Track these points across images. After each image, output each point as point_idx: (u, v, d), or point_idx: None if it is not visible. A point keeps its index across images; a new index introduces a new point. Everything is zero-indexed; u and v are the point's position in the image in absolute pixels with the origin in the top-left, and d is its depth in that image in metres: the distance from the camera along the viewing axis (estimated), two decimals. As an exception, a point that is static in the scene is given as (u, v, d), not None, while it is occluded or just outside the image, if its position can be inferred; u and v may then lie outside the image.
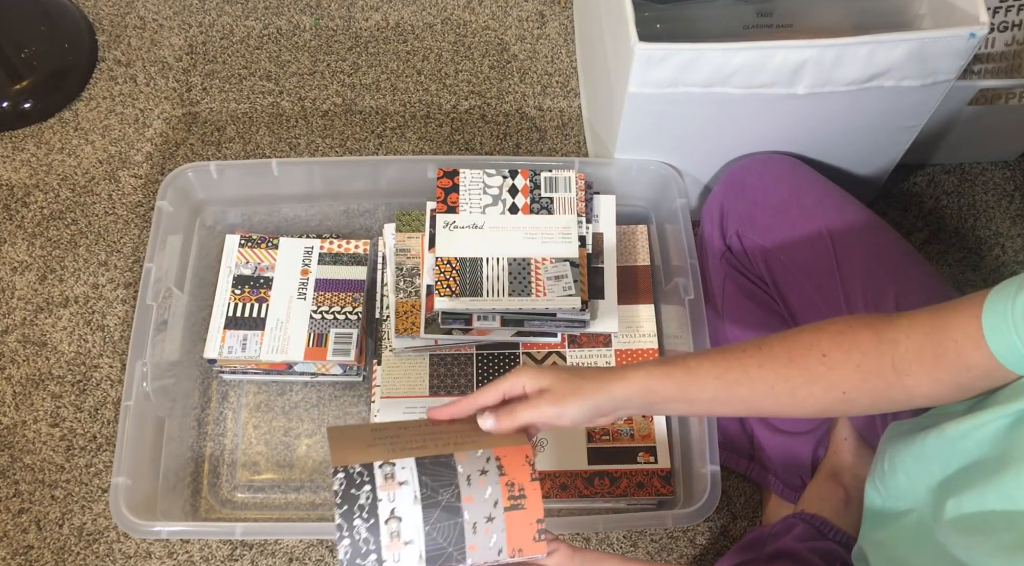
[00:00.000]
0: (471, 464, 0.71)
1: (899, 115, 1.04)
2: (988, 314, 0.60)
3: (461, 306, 1.05)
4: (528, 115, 1.36)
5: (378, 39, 1.42)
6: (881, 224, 0.96)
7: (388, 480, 0.69)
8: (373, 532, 0.68)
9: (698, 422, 1.01)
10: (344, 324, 1.12)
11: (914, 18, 1.08)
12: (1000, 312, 0.59)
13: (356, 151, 1.34)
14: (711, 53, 0.92)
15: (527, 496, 0.71)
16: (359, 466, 0.70)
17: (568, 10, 1.45)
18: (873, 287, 0.90)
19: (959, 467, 0.66)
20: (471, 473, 0.71)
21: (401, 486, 0.69)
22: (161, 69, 1.39)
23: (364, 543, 0.68)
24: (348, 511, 0.68)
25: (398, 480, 0.69)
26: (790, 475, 1.06)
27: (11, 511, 1.11)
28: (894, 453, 0.75)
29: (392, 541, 0.68)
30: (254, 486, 1.12)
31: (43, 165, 1.31)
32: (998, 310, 0.60)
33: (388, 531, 0.68)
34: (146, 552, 1.09)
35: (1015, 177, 1.33)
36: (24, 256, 1.25)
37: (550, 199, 1.10)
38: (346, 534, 0.68)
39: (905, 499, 0.74)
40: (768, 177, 1.02)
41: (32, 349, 1.20)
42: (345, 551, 0.68)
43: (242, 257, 1.15)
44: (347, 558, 0.68)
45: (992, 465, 0.61)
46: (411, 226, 1.14)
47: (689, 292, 1.05)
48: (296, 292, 1.14)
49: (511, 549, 0.70)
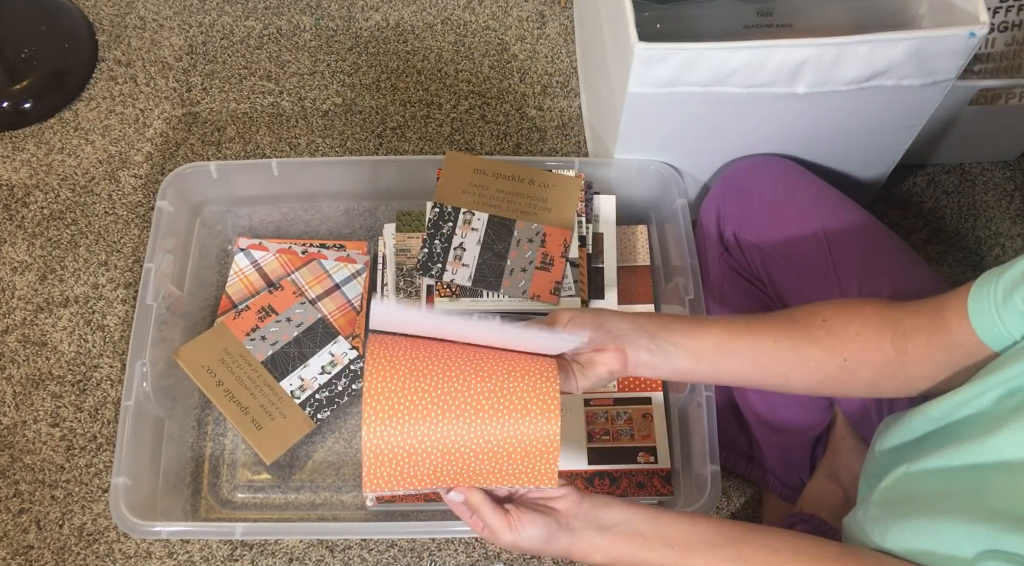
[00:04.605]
0: (525, 232, 1.05)
1: (899, 115, 1.04)
2: (973, 295, 0.65)
3: (461, 306, 1.05)
4: (528, 115, 1.36)
5: (378, 39, 1.42)
6: (877, 224, 0.96)
7: (465, 224, 1.05)
8: (444, 251, 1.05)
9: (698, 421, 1.01)
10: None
11: (914, 18, 1.08)
12: (984, 294, 0.64)
13: (356, 151, 1.34)
14: (711, 53, 0.92)
15: (554, 264, 1.05)
16: (451, 207, 1.06)
17: (568, 10, 1.45)
18: (869, 287, 0.90)
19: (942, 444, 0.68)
20: (522, 238, 1.05)
21: (473, 230, 1.05)
22: (161, 69, 1.39)
23: (437, 255, 1.06)
24: (433, 233, 1.06)
25: (472, 226, 1.05)
26: (789, 475, 1.06)
27: (11, 511, 1.11)
28: (882, 443, 0.77)
29: (455, 261, 1.04)
30: (254, 486, 1.12)
31: (43, 165, 1.31)
32: (982, 292, 0.65)
33: (454, 254, 1.04)
34: (146, 552, 1.10)
35: (1015, 177, 1.33)
36: (24, 256, 1.25)
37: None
38: (426, 248, 1.05)
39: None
40: (764, 178, 1.02)
41: (32, 349, 1.20)
42: (423, 255, 1.04)
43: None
44: (422, 260, 1.04)
45: (981, 433, 0.63)
46: (411, 226, 1.14)
47: (689, 292, 1.05)
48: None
49: (532, 293, 1.04)
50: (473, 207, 1.07)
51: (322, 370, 1.13)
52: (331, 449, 1.13)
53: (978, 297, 0.65)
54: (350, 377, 1.13)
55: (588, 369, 0.77)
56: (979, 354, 0.66)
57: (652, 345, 0.76)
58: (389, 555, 1.09)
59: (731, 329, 0.76)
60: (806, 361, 0.74)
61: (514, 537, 0.69)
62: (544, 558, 1.10)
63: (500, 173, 1.11)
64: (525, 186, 1.10)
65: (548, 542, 0.70)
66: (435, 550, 1.09)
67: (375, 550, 1.09)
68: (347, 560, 1.09)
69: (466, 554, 1.09)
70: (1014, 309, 0.62)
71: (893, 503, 0.69)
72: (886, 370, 0.72)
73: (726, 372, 0.77)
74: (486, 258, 1.05)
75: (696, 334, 0.76)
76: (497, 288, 1.04)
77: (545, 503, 0.72)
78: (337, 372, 1.13)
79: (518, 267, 1.06)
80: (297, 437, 1.10)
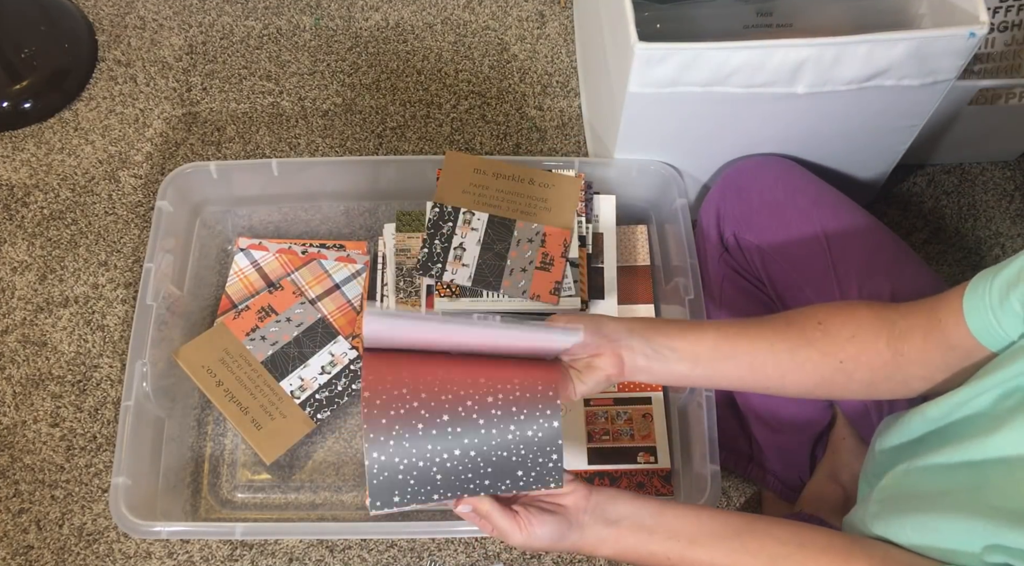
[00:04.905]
0: (525, 232, 1.05)
1: (899, 115, 1.04)
2: (969, 295, 0.65)
3: (461, 306, 1.05)
4: (528, 115, 1.36)
5: (378, 39, 1.42)
6: (876, 224, 0.96)
7: (465, 224, 1.04)
8: (444, 251, 1.05)
9: (698, 422, 1.01)
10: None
11: (914, 17, 1.08)
12: (979, 294, 0.64)
13: (356, 151, 1.34)
14: (711, 53, 0.92)
15: (554, 264, 1.05)
16: (451, 207, 1.06)
17: (568, 10, 1.45)
18: (869, 287, 0.90)
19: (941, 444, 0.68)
20: (522, 238, 1.05)
21: (473, 230, 1.04)
22: (161, 69, 1.39)
23: (437, 255, 1.06)
24: (433, 233, 1.05)
25: (472, 226, 1.05)
26: (789, 475, 1.06)
27: (11, 511, 1.11)
28: (882, 442, 0.77)
29: (455, 261, 1.04)
30: (254, 486, 1.12)
31: (43, 165, 1.31)
32: (978, 291, 0.64)
33: (454, 254, 1.04)
34: (146, 552, 1.10)
35: (1015, 177, 1.33)
36: (24, 256, 1.25)
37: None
38: (426, 248, 1.05)
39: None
40: (763, 179, 1.02)
41: (32, 349, 1.20)
42: (423, 255, 1.04)
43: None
44: (422, 261, 1.04)
45: (981, 432, 0.63)
46: (411, 226, 1.14)
47: (689, 292, 1.05)
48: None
49: (532, 293, 1.04)
50: (473, 207, 1.07)
51: (322, 370, 1.13)
52: (331, 449, 1.13)
53: (973, 298, 0.65)
54: (350, 377, 1.13)
55: (585, 374, 0.76)
56: (976, 355, 0.66)
57: (648, 349, 0.75)
58: (389, 555, 1.09)
59: (727, 333, 0.76)
60: (802, 364, 0.74)
61: (525, 538, 0.70)
62: (544, 558, 1.10)
63: (500, 173, 1.11)
64: (525, 186, 1.10)
65: (558, 540, 0.71)
66: (435, 550, 1.09)
67: (375, 550, 1.09)
68: (347, 560, 1.09)
69: (466, 554, 1.09)
70: (1010, 310, 0.62)
71: (893, 500, 0.69)
72: (883, 372, 0.72)
73: (722, 376, 0.77)
74: (486, 258, 1.05)
75: (692, 338, 0.76)
76: (497, 288, 1.04)
77: (553, 500, 0.72)
78: (337, 372, 1.13)
79: (518, 267, 1.06)
80: (297, 437, 1.10)
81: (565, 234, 1.07)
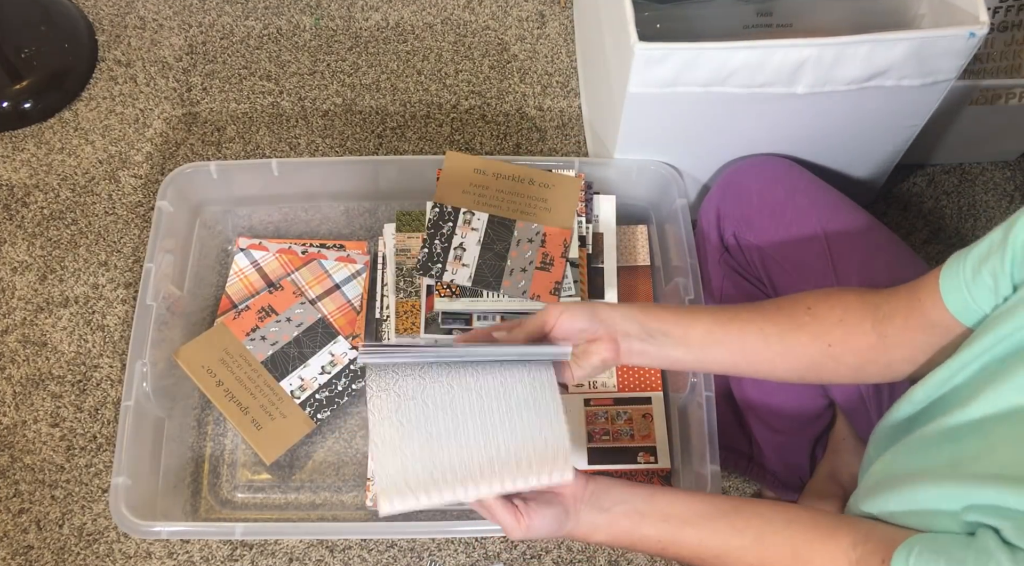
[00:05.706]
0: (525, 232, 1.05)
1: (899, 115, 1.04)
2: (945, 274, 0.68)
3: (461, 306, 1.05)
4: (528, 115, 1.36)
5: (378, 39, 1.42)
6: (877, 224, 0.97)
7: (465, 224, 1.04)
8: (444, 251, 1.04)
9: (698, 422, 1.01)
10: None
11: (914, 18, 1.08)
12: (954, 272, 0.67)
13: (356, 151, 1.34)
14: (711, 53, 0.92)
15: (554, 264, 1.04)
16: (451, 207, 1.06)
17: (568, 10, 1.45)
18: (868, 286, 0.90)
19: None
20: (522, 238, 1.04)
21: (473, 230, 1.04)
22: (161, 69, 1.39)
23: (437, 255, 1.05)
24: (433, 233, 1.05)
25: (472, 226, 1.04)
26: (789, 475, 1.06)
27: (11, 511, 1.11)
28: (877, 441, 0.79)
29: (455, 261, 1.03)
30: (254, 486, 1.12)
31: (43, 165, 1.31)
32: (953, 270, 0.68)
33: (454, 254, 1.03)
34: (146, 552, 1.10)
35: (1015, 177, 1.33)
36: (24, 256, 1.25)
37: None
38: (426, 248, 1.05)
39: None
40: (763, 179, 1.02)
41: (32, 349, 1.20)
42: (423, 255, 1.04)
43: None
44: (422, 261, 1.04)
45: (960, 404, 0.65)
46: (411, 226, 1.14)
47: (689, 292, 1.05)
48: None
49: (532, 293, 1.04)
50: (473, 207, 1.07)
51: (322, 370, 1.13)
52: (331, 449, 1.13)
53: (949, 275, 0.68)
54: (350, 377, 1.13)
55: (582, 359, 0.78)
56: (954, 331, 0.69)
57: (643, 334, 0.77)
58: (389, 555, 1.09)
59: (719, 318, 0.78)
60: (792, 347, 0.76)
61: (524, 531, 0.72)
62: (544, 559, 1.10)
63: (500, 173, 1.11)
64: (525, 186, 1.10)
65: (556, 530, 0.73)
66: (435, 550, 1.09)
67: (375, 550, 1.09)
68: (347, 560, 1.09)
69: (466, 554, 1.09)
70: (982, 283, 0.65)
71: (880, 481, 0.71)
72: (869, 354, 0.74)
73: (714, 360, 0.79)
74: (486, 258, 1.05)
75: (685, 323, 0.78)
76: (497, 288, 1.04)
77: (551, 491, 0.74)
78: (337, 372, 1.13)
79: (518, 267, 1.06)
80: (297, 437, 1.10)
81: (565, 234, 1.07)
